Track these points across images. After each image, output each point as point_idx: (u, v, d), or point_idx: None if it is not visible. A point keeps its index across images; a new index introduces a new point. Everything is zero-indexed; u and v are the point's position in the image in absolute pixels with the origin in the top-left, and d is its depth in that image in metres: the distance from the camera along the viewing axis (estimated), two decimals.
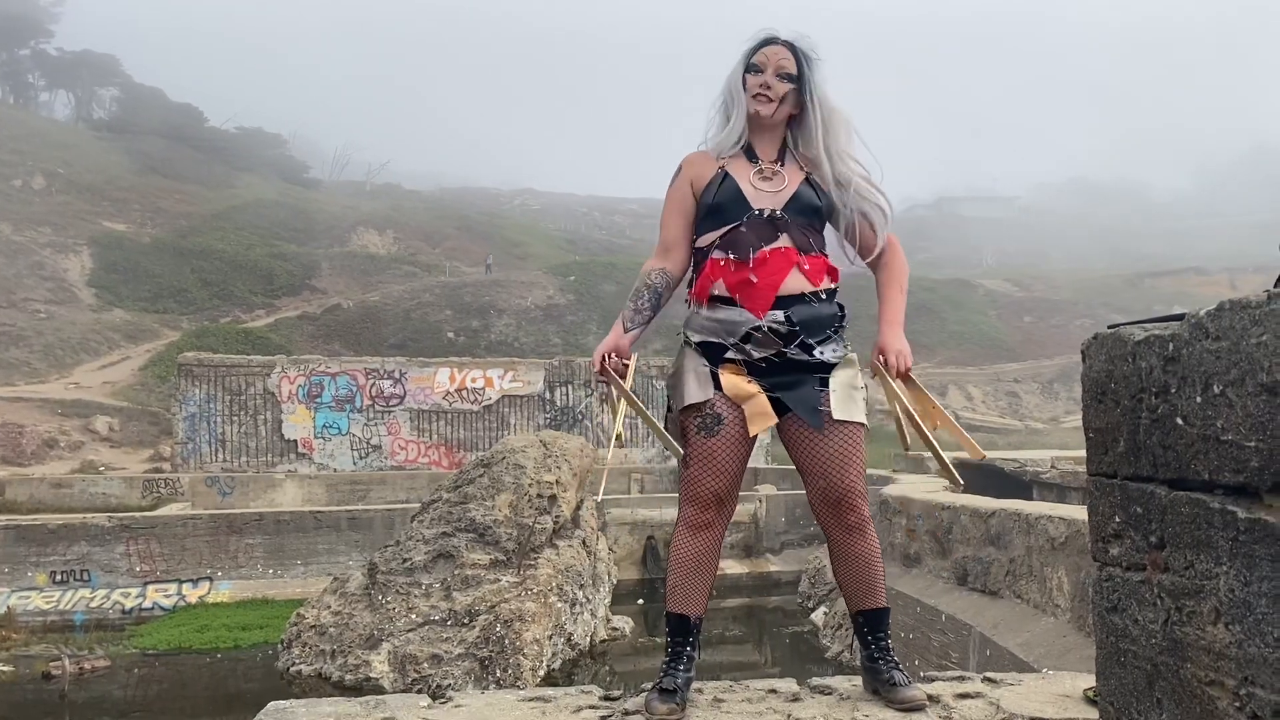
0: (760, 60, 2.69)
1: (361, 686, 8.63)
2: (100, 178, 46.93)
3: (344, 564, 13.67)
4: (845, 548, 2.58)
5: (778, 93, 2.67)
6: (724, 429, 2.55)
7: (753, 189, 2.66)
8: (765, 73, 2.67)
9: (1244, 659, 1.31)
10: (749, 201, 2.64)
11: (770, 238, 2.61)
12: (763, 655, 13.05)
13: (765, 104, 2.67)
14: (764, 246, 2.60)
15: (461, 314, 37.15)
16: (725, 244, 2.64)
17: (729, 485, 2.59)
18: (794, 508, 17.04)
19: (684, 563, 2.60)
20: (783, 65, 2.67)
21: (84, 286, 36.05)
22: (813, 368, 2.57)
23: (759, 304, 2.57)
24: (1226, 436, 1.34)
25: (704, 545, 2.59)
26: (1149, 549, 1.53)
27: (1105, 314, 38.30)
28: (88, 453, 24.37)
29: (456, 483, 10.91)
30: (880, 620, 2.61)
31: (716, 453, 2.55)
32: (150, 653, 12.11)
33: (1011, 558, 7.32)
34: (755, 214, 2.63)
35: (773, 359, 2.56)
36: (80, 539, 13.94)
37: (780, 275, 2.58)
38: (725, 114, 2.75)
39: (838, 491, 2.51)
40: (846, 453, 2.53)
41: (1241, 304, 1.33)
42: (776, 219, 2.63)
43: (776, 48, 2.70)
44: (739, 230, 2.63)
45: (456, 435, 22.68)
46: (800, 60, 2.69)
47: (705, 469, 2.56)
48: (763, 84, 2.67)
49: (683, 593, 2.60)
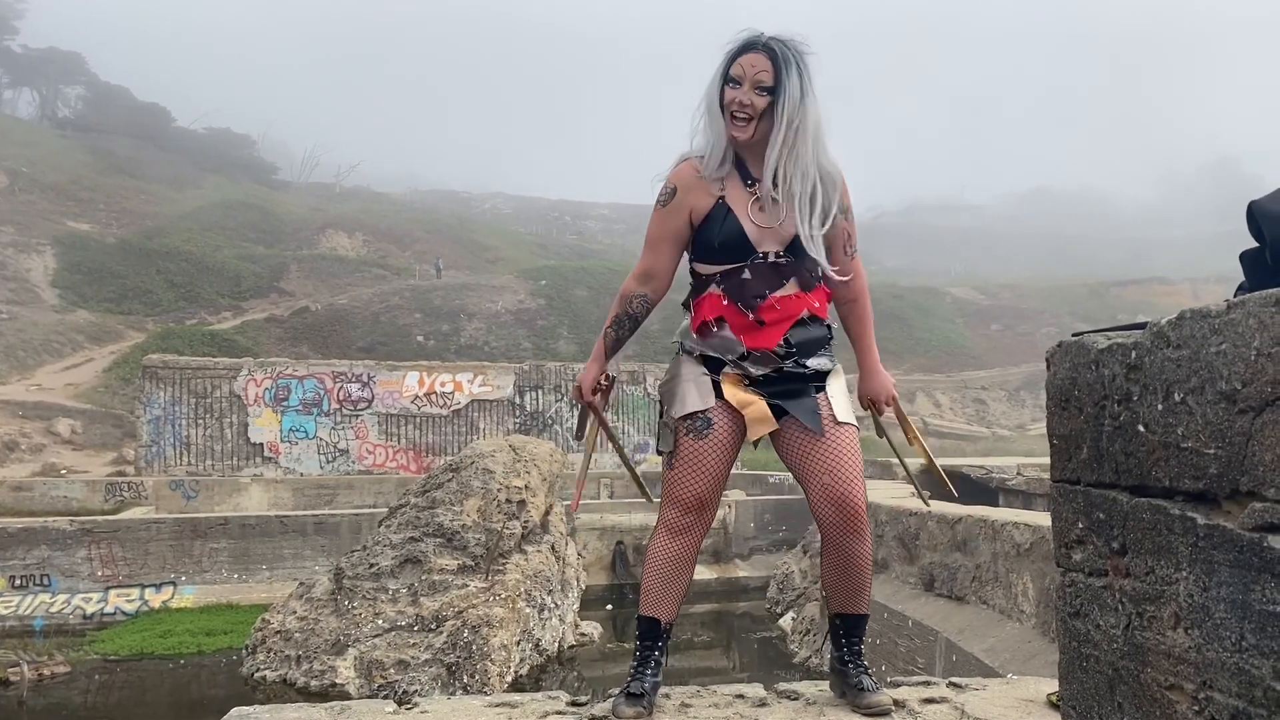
0: (738, 72, 2.51)
1: (327, 692, 8.55)
2: (65, 177, 46.30)
3: (310, 569, 13.55)
4: (844, 550, 2.53)
5: (756, 109, 2.50)
6: (714, 433, 2.54)
7: (755, 227, 2.53)
8: (743, 86, 2.50)
9: (1203, 663, 1.33)
10: (753, 245, 2.53)
11: (776, 284, 2.54)
12: (731, 660, 13.06)
13: (741, 127, 2.51)
14: (770, 294, 2.54)
15: (431, 317, 36.95)
16: (728, 289, 2.55)
17: (711, 489, 2.55)
18: (763, 513, 17.08)
19: (660, 566, 2.57)
20: (760, 79, 2.49)
21: (47, 287, 35.53)
22: (808, 378, 2.58)
23: (764, 343, 2.55)
24: (1187, 444, 1.36)
25: (682, 549, 2.56)
26: (1111, 555, 1.54)
27: (1071, 322, 38.77)
28: (49, 455, 24.01)
29: (425, 487, 10.85)
30: (858, 626, 2.62)
31: (703, 455, 2.54)
32: (112, 658, 11.94)
33: (978, 564, 7.38)
34: (760, 259, 2.54)
35: (770, 374, 2.56)
36: (40, 542, 13.73)
37: (788, 322, 2.55)
38: (709, 130, 2.60)
39: (842, 492, 2.49)
40: (848, 454, 2.53)
41: (1202, 313, 1.35)
42: (783, 265, 2.55)
43: (755, 55, 2.51)
44: (743, 277, 2.54)
45: (425, 439, 22.55)
46: (779, 68, 2.50)
47: (690, 471, 2.53)
48: (739, 102, 2.50)
49: (656, 596, 2.59)
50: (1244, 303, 1.28)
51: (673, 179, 2.62)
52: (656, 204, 2.63)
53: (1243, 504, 1.26)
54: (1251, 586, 1.24)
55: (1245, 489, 1.26)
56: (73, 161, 49.26)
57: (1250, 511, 1.25)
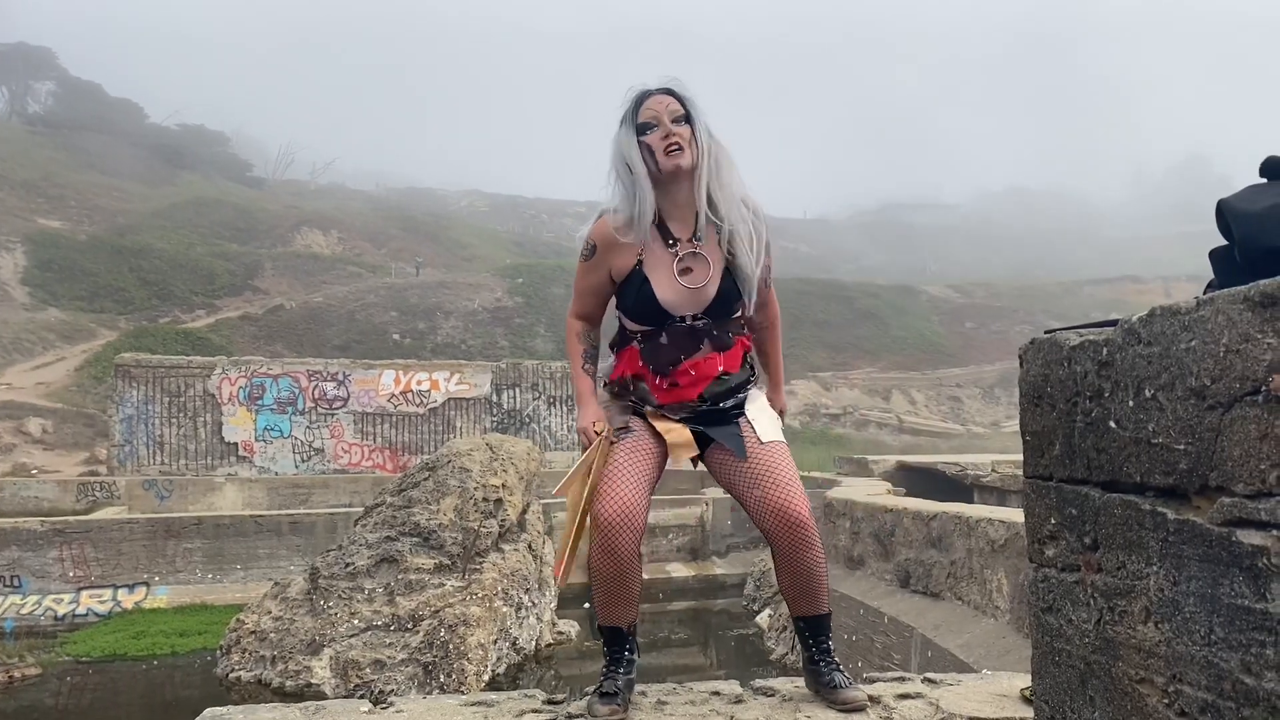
0: (649, 116, 2.50)
1: (302, 692, 8.51)
2: (35, 174, 45.77)
3: (285, 569, 13.47)
4: (792, 559, 2.51)
5: (684, 137, 2.48)
6: (632, 435, 2.55)
7: (673, 291, 2.52)
8: (660, 125, 2.49)
9: (1173, 657, 1.34)
10: (669, 311, 2.53)
11: (691, 349, 2.55)
12: (708, 658, 13.08)
13: (678, 154, 2.47)
14: (684, 359, 2.55)
15: (407, 316, 36.80)
16: (645, 351, 2.57)
17: (634, 493, 2.45)
18: (740, 511, 17.10)
19: (603, 584, 2.52)
20: (674, 110, 2.50)
21: (17, 285, 35.11)
22: (728, 409, 2.60)
23: (679, 398, 2.57)
24: (1157, 440, 1.37)
25: (619, 565, 2.47)
26: (1083, 550, 1.55)
27: (1044, 320, 39.08)
28: (20, 455, 23.74)
29: (401, 486, 10.81)
30: (821, 625, 2.62)
31: (621, 456, 2.50)
32: (84, 660, 11.83)
33: (953, 560, 7.42)
34: (676, 323, 2.55)
35: (686, 415, 2.59)
36: (11, 544, 13.58)
37: (703, 383, 2.57)
38: (625, 189, 2.53)
39: (779, 500, 2.47)
40: (779, 466, 2.52)
41: (1172, 310, 1.36)
42: (699, 330, 2.55)
43: (657, 97, 2.52)
44: (659, 340, 2.56)
45: (401, 438, 22.45)
46: (684, 101, 2.52)
47: (610, 478, 2.47)
48: (666, 135, 2.47)
49: (609, 610, 2.56)
50: (1213, 300, 1.29)
51: (594, 235, 2.58)
52: (580, 257, 2.63)
53: (1212, 499, 1.28)
54: (1220, 581, 1.25)
55: (1214, 484, 1.27)
56: (43, 158, 48.70)
57: (1219, 506, 1.26)
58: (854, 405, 36.53)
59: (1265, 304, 1.20)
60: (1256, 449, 1.20)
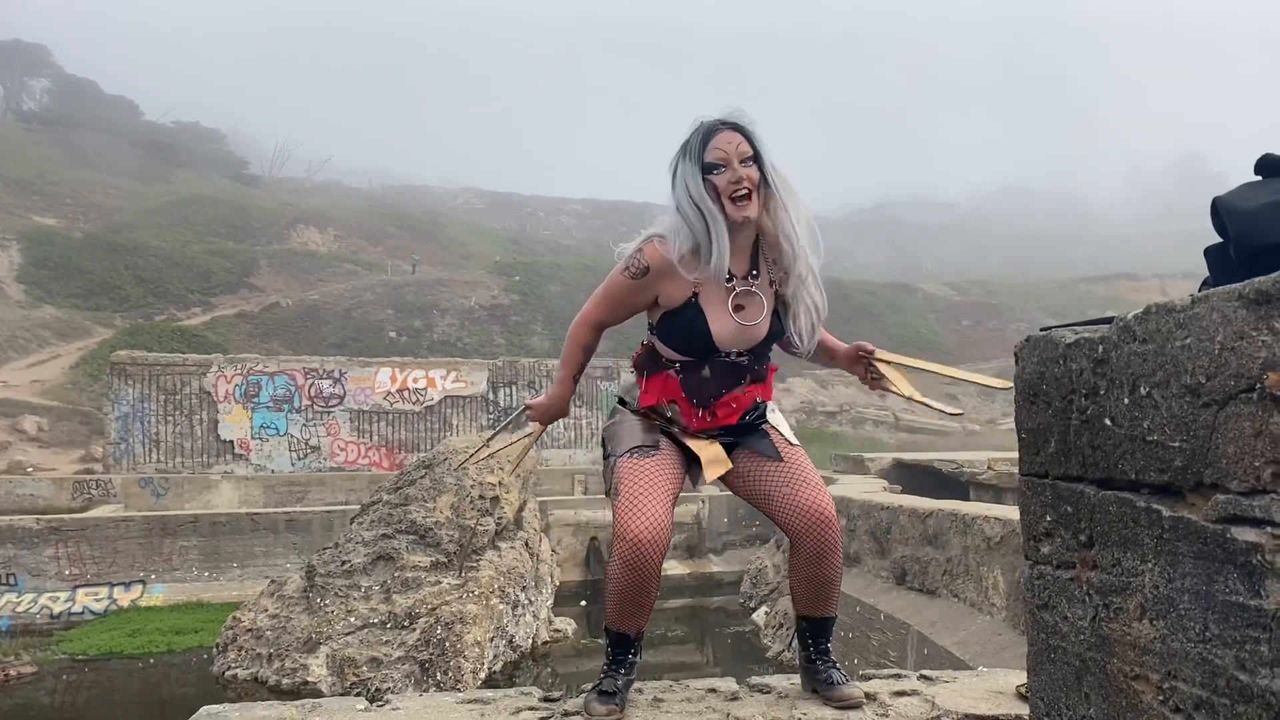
0: (718, 157, 2.40)
1: (299, 690, 8.51)
2: (30, 171, 45.65)
3: (281, 566, 13.46)
4: (816, 561, 2.49)
5: (753, 181, 2.40)
6: (660, 453, 2.53)
7: (726, 328, 2.49)
8: (730, 165, 2.40)
9: (1167, 653, 1.34)
10: (717, 346, 2.50)
11: (733, 384, 2.56)
12: (704, 655, 13.09)
13: (747, 204, 2.40)
14: (727, 393, 2.56)
15: (403, 313, 36.75)
16: (686, 382, 2.54)
17: (662, 509, 2.41)
18: (736, 508, 17.12)
19: (620, 593, 2.45)
20: (743, 151, 2.41)
21: (13, 282, 35.02)
22: (752, 421, 2.64)
23: (714, 425, 2.60)
24: (1152, 437, 1.38)
25: (640, 580, 2.41)
26: (1078, 547, 1.56)
27: (1040, 318, 39.10)
28: (15, 453, 23.68)
29: (397, 484, 10.81)
30: (825, 627, 2.62)
31: (649, 470, 2.47)
32: (79, 658, 11.81)
33: (949, 557, 7.43)
34: (720, 357, 2.53)
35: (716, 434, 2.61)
36: (6, 541, 13.55)
37: (738, 414, 2.60)
38: (691, 225, 2.43)
39: (810, 499, 2.48)
40: (805, 467, 2.58)
41: (1167, 308, 1.37)
42: (742, 366, 2.56)
43: (726, 135, 2.42)
44: (702, 374, 2.54)
45: (398, 436, 22.43)
46: (750, 138, 2.44)
47: (638, 492, 2.42)
48: (736, 180, 2.39)
49: (621, 617, 2.52)
50: (1208, 298, 1.29)
51: (649, 258, 2.47)
52: (624, 272, 2.51)
53: (1207, 496, 1.28)
54: (1215, 578, 1.25)
55: (1209, 481, 1.27)
56: (38, 155, 48.57)
57: (1214, 504, 1.26)
58: (850, 403, 36.53)
59: (1260, 301, 1.20)
60: (1251, 446, 1.20)
